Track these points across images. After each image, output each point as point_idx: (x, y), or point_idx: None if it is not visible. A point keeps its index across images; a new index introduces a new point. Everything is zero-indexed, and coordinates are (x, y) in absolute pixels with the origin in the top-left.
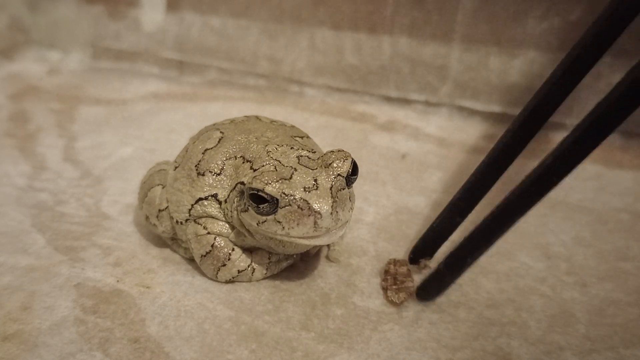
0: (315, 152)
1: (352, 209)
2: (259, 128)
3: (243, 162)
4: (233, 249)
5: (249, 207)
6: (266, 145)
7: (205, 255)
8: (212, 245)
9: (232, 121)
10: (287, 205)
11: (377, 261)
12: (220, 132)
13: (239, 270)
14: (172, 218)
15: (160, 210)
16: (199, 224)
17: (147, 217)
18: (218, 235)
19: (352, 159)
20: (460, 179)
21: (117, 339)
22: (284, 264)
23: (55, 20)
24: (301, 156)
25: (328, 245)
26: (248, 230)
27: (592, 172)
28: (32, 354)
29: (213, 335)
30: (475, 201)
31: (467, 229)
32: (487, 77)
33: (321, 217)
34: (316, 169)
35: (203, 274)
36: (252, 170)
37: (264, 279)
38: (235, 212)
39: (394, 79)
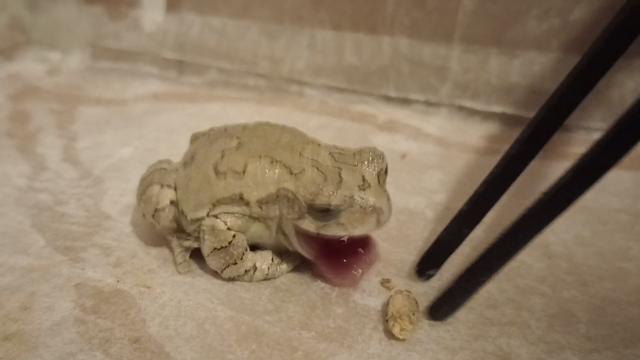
0: (336, 146)
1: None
2: (274, 132)
3: (272, 163)
4: (246, 249)
5: (307, 215)
6: (293, 147)
7: (219, 249)
8: (229, 242)
9: (244, 127)
10: (350, 207)
11: (376, 261)
12: (237, 138)
13: (245, 270)
14: (184, 216)
15: (156, 210)
16: (218, 218)
17: (143, 215)
18: (238, 232)
19: (383, 154)
20: (460, 179)
21: (118, 339)
22: (284, 267)
23: (55, 20)
24: (333, 152)
25: None
26: (284, 233)
27: None
28: (32, 354)
29: (213, 335)
30: (482, 213)
31: (474, 240)
32: (487, 78)
33: (383, 213)
34: (357, 165)
35: (203, 274)
36: (293, 175)
37: (264, 279)
38: (281, 219)
39: (394, 79)
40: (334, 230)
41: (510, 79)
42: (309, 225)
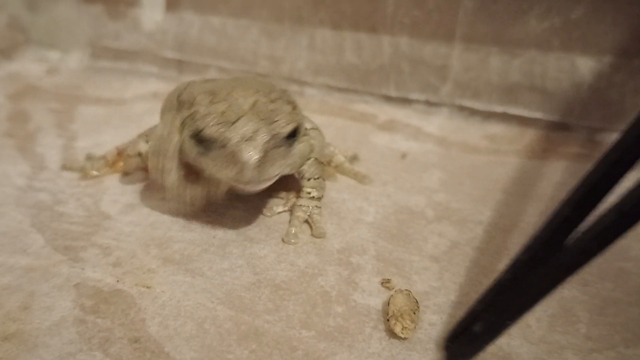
0: (277, 100)
1: (288, 165)
2: (247, 79)
3: (206, 93)
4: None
5: (191, 138)
6: (237, 87)
7: (156, 151)
8: (167, 134)
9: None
10: (222, 147)
11: (377, 260)
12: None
13: (170, 168)
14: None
15: None
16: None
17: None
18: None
19: (297, 124)
20: (460, 179)
21: (117, 338)
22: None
23: (55, 20)
24: (258, 102)
25: (310, 225)
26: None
27: None
28: (32, 354)
29: (213, 335)
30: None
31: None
32: (488, 77)
33: (245, 169)
34: (264, 119)
35: (203, 274)
36: (209, 103)
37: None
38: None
39: (394, 78)
40: (204, 162)
41: (511, 78)
42: (191, 148)
